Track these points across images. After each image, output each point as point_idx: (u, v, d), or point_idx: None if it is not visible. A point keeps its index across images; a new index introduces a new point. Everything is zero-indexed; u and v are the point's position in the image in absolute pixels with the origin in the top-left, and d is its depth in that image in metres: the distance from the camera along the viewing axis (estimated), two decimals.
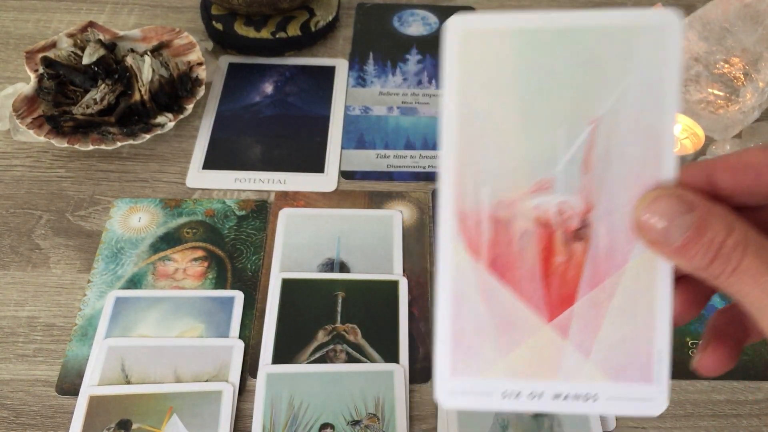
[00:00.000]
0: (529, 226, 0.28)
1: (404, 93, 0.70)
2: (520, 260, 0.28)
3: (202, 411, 0.47)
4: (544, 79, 0.27)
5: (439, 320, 0.29)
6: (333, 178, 0.62)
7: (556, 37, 0.27)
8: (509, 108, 0.27)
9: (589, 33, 0.27)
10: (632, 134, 0.27)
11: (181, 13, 0.78)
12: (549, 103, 0.27)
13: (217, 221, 0.58)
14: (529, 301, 0.28)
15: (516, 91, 0.27)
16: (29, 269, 0.55)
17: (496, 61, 0.27)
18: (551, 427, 0.47)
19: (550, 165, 0.27)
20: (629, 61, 0.27)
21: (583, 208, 0.28)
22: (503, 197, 0.28)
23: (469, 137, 0.28)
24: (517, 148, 0.28)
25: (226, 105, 0.68)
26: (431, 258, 0.57)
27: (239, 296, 0.54)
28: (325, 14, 0.74)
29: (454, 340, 0.29)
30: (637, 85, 0.27)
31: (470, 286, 0.28)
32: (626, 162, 0.27)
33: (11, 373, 0.50)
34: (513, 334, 0.28)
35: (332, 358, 0.50)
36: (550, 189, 0.28)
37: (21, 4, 0.78)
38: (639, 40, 0.26)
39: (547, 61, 0.27)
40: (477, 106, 0.28)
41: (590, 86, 0.27)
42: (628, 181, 0.27)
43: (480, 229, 0.28)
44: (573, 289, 0.28)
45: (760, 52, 0.60)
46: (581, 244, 0.28)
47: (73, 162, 0.63)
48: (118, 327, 0.51)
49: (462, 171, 0.28)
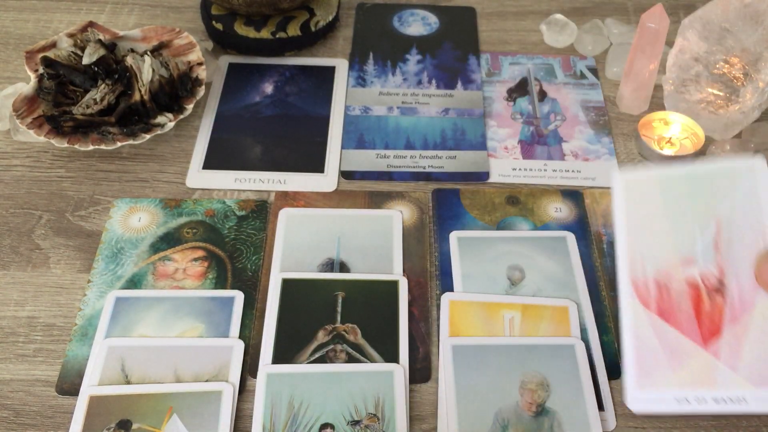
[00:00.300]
0: (682, 287, 0.43)
1: (404, 93, 0.70)
2: (678, 309, 0.43)
3: (202, 411, 0.47)
4: (679, 200, 0.45)
5: (625, 350, 0.43)
6: (333, 178, 0.62)
7: (684, 177, 0.46)
8: (659, 218, 0.45)
9: (706, 173, 0.45)
10: (744, 226, 0.43)
11: (181, 13, 0.78)
12: (685, 213, 0.45)
13: (217, 221, 0.58)
14: (689, 336, 0.42)
15: (662, 208, 0.45)
16: (29, 269, 0.55)
17: (648, 194, 0.46)
18: (551, 427, 0.47)
19: (691, 248, 0.44)
20: (735, 184, 0.44)
21: (718, 274, 0.43)
22: (662, 269, 0.44)
23: (635, 235, 0.45)
24: (667, 240, 0.44)
25: (226, 105, 0.68)
26: (431, 258, 0.57)
27: (239, 296, 0.54)
28: (325, 14, 0.74)
29: (638, 363, 0.42)
30: (742, 198, 0.43)
31: (646, 327, 0.43)
32: (743, 242, 0.43)
33: (11, 373, 0.50)
34: (680, 357, 0.42)
35: (332, 358, 0.50)
36: (694, 263, 0.43)
37: (21, 4, 0.78)
38: (740, 172, 0.44)
39: (681, 190, 0.45)
40: (638, 219, 0.46)
41: (711, 201, 0.44)
42: (745, 254, 0.42)
43: (648, 289, 0.44)
44: (719, 326, 0.42)
45: (760, 52, 0.60)
46: (720, 296, 0.42)
47: (73, 162, 0.63)
48: (118, 327, 0.51)
49: (632, 255, 0.45)
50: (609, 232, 0.58)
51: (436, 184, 0.62)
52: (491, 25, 0.78)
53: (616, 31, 0.75)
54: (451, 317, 0.52)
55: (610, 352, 0.51)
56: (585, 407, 0.47)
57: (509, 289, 0.54)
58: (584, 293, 0.54)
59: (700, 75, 0.63)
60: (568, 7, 0.79)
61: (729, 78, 0.62)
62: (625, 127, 0.67)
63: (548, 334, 0.51)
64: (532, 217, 0.59)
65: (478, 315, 0.52)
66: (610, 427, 0.48)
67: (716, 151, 0.63)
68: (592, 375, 0.49)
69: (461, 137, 0.66)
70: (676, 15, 0.77)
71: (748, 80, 0.61)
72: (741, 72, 0.61)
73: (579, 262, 0.56)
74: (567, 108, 0.69)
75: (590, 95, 0.70)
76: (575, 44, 0.75)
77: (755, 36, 0.60)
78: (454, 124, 0.67)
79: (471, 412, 0.47)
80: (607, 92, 0.70)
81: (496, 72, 0.72)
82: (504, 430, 0.46)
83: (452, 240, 0.57)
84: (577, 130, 0.67)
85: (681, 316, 0.43)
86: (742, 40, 0.60)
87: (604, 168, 0.63)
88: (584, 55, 0.74)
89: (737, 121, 0.63)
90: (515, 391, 0.48)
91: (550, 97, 0.70)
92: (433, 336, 0.52)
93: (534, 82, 0.71)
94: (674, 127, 0.65)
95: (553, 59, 0.73)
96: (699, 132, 0.64)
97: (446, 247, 0.57)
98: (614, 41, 0.75)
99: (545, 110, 0.69)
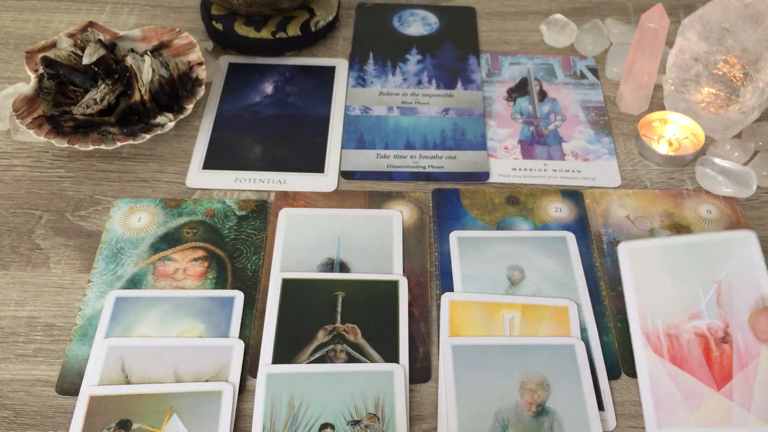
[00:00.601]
0: (691, 338, 0.48)
1: (404, 93, 0.70)
2: (690, 356, 0.48)
3: (202, 411, 0.47)
4: (681, 265, 0.51)
5: (643, 394, 0.48)
6: (333, 178, 0.62)
7: (683, 246, 0.52)
8: (663, 280, 0.51)
9: (703, 243, 0.51)
10: (741, 286, 0.49)
11: (181, 13, 0.78)
12: (687, 276, 0.50)
13: (217, 221, 0.58)
14: (702, 380, 0.47)
15: (666, 272, 0.51)
16: (29, 269, 0.55)
17: (650, 260, 0.52)
18: (551, 427, 0.47)
19: (696, 305, 0.49)
20: (731, 252, 0.50)
21: (723, 326, 0.48)
22: (671, 323, 0.49)
23: (643, 295, 0.51)
24: (673, 299, 0.50)
25: (226, 105, 0.68)
26: (431, 258, 0.57)
27: (239, 296, 0.54)
28: (325, 14, 0.74)
29: (657, 406, 0.47)
30: (738, 263, 0.50)
31: (661, 372, 0.48)
32: (742, 300, 0.49)
33: (11, 373, 0.50)
34: (696, 399, 0.47)
35: (332, 358, 0.50)
36: (700, 317, 0.49)
37: (21, 4, 0.78)
38: (735, 242, 0.50)
39: (681, 257, 0.51)
40: (644, 281, 0.51)
41: (711, 266, 0.50)
42: (745, 309, 0.48)
43: (660, 340, 0.49)
44: (729, 371, 0.47)
45: (759, 52, 0.60)
46: (728, 345, 0.48)
47: (73, 162, 0.63)
48: (118, 327, 0.51)
49: (642, 312, 0.50)
50: (609, 232, 0.58)
51: (436, 184, 0.62)
52: (491, 25, 0.78)
53: (616, 31, 0.75)
54: (451, 317, 0.52)
55: (610, 352, 0.51)
56: (585, 407, 0.47)
57: (509, 289, 0.54)
58: (584, 293, 0.54)
59: (700, 75, 0.63)
60: (568, 7, 0.79)
61: (729, 78, 0.62)
62: (625, 127, 0.67)
63: (548, 334, 0.51)
64: (532, 217, 0.59)
65: (478, 315, 0.52)
66: (610, 427, 0.48)
67: (716, 151, 0.63)
68: (592, 375, 0.49)
69: (461, 137, 0.66)
70: (676, 15, 0.77)
71: (747, 80, 0.61)
72: (741, 72, 0.61)
73: (579, 262, 0.56)
74: (567, 108, 0.69)
75: (590, 95, 0.70)
76: (575, 44, 0.75)
77: (755, 36, 0.60)
78: (454, 124, 0.67)
79: (471, 412, 0.47)
80: (607, 92, 0.71)
81: (496, 72, 0.72)
82: (504, 430, 0.47)
83: (452, 240, 0.57)
84: (577, 130, 0.67)
85: (693, 362, 0.48)
86: (742, 40, 0.60)
87: (604, 168, 0.63)
88: (584, 55, 0.74)
89: (737, 121, 0.63)
90: (515, 391, 0.48)
91: (550, 97, 0.70)
92: (433, 336, 0.52)
93: (534, 82, 0.71)
94: (674, 127, 0.65)
95: (553, 59, 0.73)
96: (699, 132, 0.64)
97: (446, 247, 0.57)
98: (614, 41, 0.75)
99: (545, 110, 0.69)
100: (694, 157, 0.63)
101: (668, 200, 0.61)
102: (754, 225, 0.59)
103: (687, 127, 0.65)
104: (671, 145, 0.64)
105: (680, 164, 0.63)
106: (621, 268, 0.52)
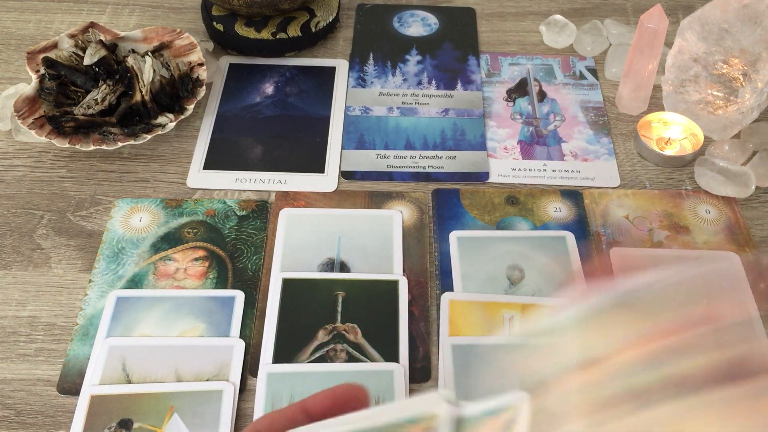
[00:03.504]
0: None
1: (404, 93, 0.70)
2: None
3: (202, 410, 0.47)
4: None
5: None
6: (333, 178, 0.62)
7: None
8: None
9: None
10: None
11: (182, 14, 0.78)
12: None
13: (218, 221, 0.59)
14: None
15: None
16: (31, 269, 0.56)
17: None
18: None
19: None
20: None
21: None
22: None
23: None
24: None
25: (227, 105, 0.68)
26: (431, 258, 0.57)
27: (240, 296, 0.54)
28: (326, 15, 0.74)
29: None
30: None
31: None
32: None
33: (12, 373, 0.50)
34: None
35: (332, 358, 0.50)
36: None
37: (22, 5, 0.78)
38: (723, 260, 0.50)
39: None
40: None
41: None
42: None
43: None
44: None
45: (758, 52, 0.60)
46: None
47: (75, 162, 0.63)
48: (119, 326, 0.52)
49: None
50: (608, 232, 0.59)
51: (436, 184, 0.62)
52: (491, 26, 0.78)
53: (615, 32, 0.75)
54: (451, 317, 0.52)
55: None
56: None
57: (509, 288, 0.54)
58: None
59: (699, 75, 0.63)
60: (567, 8, 0.79)
61: (728, 78, 0.62)
62: (624, 127, 0.67)
63: None
64: (532, 217, 0.59)
65: (477, 315, 0.52)
66: None
67: (715, 152, 0.64)
68: None
69: (461, 137, 0.66)
70: (675, 15, 0.77)
71: (746, 81, 0.61)
72: (740, 72, 0.62)
73: (579, 262, 0.56)
74: (566, 108, 0.69)
75: (589, 96, 0.70)
76: (574, 45, 0.75)
77: (754, 36, 0.60)
78: (453, 124, 0.67)
79: None
80: (606, 93, 0.71)
81: (495, 72, 0.72)
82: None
83: (452, 240, 0.57)
84: (576, 131, 0.67)
85: None
86: (741, 40, 0.60)
87: (603, 168, 0.64)
88: (583, 55, 0.74)
89: (736, 121, 0.63)
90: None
91: (549, 97, 0.70)
92: (433, 336, 0.52)
93: (533, 82, 0.71)
94: (673, 128, 0.65)
95: (553, 60, 0.74)
96: (698, 132, 0.64)
97: (446, 247, 0.57)
98: (613, 42, 0.75)
99: (545, 111, 0.69)
100: (693, 157, 0.64)
101: (667, 200, 0.61)
102: (752, 225, 0.59)
103: (686, 128, 0.65)
104: (670, 146, 0.64)
105: (679, 164, 0.64)
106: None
